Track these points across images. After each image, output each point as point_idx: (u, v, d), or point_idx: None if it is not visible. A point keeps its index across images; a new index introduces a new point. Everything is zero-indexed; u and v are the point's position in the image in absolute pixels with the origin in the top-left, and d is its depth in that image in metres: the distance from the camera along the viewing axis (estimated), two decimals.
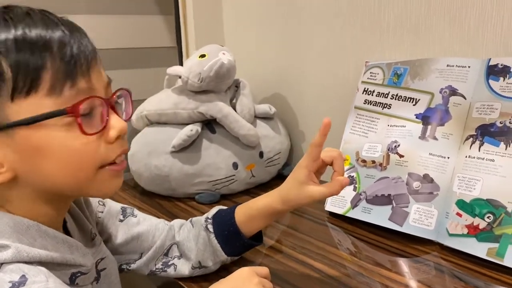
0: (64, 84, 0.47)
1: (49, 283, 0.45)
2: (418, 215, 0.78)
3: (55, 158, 0.49)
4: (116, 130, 0.52)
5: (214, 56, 1.01)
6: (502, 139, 0.73)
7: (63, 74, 0.47)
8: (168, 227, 0.74)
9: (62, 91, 0.47)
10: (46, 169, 0.49)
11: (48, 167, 0.49)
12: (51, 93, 0.47)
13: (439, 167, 0.79)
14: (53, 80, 0.47)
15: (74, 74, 0.48)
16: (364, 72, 0.95)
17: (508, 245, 0.68)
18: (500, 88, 0.75)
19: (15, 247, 0.46)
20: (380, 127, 0.89)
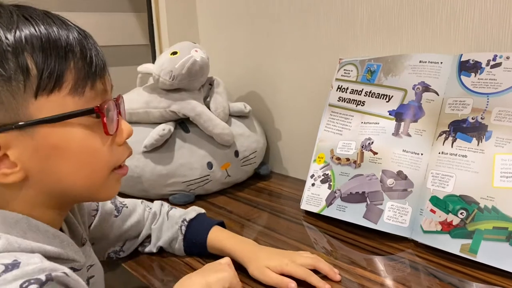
0: (86, 85, 0.49)
1: (44, 263, 0.44)
2: (393, 212, 0.77)
3: (73, 158, 0.49)
4: (126, 133, 0.54)
5: (186, 53, 0.99)
6: (474, 134, 0.72)
7: (84, 75, 0.48)
8: (151, 215, 0.79)
9: (84, 91, 0.49)
10: (62, 170, 0.49)
11: (64, 168, 0.49)
12: (73, 93, 0.48)
13: (412, 164, 0.78)
14: (75, 80, 0.48)
15: (94, 76, 0.50)
16: (338, 69, 0.95)
17: (481, 241, 0.67)
18: (471, 84, 0.75)
19: (5, 238, 0.44)
20: (354, 124, 0.88)
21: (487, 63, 0.74)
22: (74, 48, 0.48)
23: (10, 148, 0.46)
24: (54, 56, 0.46)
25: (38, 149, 0.47)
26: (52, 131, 0.47)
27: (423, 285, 0.65)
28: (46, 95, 0.46)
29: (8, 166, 0.47)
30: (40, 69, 0.45)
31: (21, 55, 0.45)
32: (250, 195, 1.06)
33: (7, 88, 0.44)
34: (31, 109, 0.46)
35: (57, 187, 0.50)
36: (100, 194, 0.55)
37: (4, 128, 0.45)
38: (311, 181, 0.91)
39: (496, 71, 0.73)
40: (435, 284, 0.65)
